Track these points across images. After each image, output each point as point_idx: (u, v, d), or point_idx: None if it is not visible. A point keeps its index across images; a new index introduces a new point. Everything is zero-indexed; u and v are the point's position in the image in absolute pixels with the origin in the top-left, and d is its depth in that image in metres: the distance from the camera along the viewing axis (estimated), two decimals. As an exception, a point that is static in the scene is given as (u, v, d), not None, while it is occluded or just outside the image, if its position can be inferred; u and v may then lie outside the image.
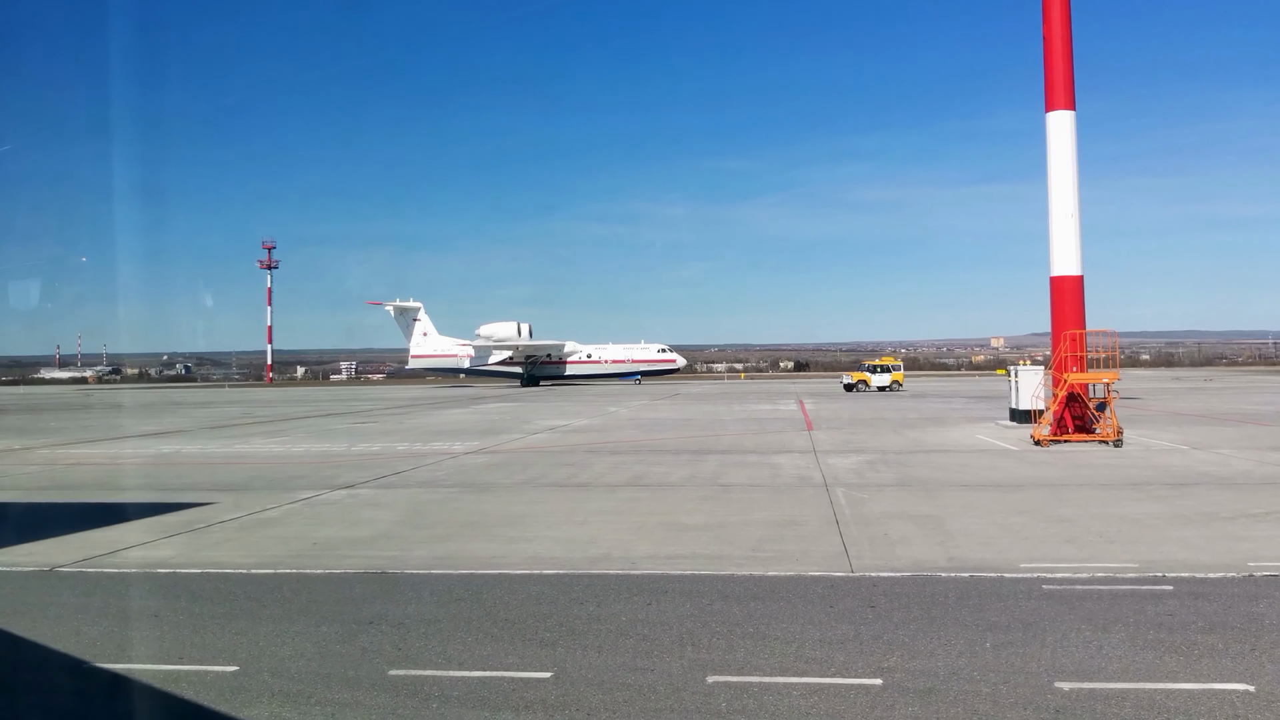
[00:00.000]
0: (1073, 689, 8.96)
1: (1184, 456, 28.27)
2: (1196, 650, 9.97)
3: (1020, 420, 39.06)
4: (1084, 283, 36.50)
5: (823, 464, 27.43)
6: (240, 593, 13.31)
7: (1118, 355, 34.89)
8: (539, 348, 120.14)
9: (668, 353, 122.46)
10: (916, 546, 15.59)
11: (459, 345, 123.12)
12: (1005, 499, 20.62)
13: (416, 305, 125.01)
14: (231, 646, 10.71)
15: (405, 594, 13.02)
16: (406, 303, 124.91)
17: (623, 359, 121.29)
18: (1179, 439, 33.63)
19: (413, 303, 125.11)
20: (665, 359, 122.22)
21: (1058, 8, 36.55)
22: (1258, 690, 8.84)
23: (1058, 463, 27.23)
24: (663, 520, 18.50)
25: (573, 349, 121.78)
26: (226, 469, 29.18)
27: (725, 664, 9.81)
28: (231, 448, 36.46)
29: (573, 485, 23.88)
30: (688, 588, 13.06)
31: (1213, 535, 16.19)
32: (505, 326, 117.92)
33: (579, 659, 10.04)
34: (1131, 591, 12.48)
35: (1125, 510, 18.87)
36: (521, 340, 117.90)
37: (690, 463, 28.40)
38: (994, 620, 11.21)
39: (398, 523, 18.85)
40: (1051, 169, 36.77)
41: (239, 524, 18.94)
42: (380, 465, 29.01)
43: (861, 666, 9.65)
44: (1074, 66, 36.70)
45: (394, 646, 10.59)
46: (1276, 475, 23.62)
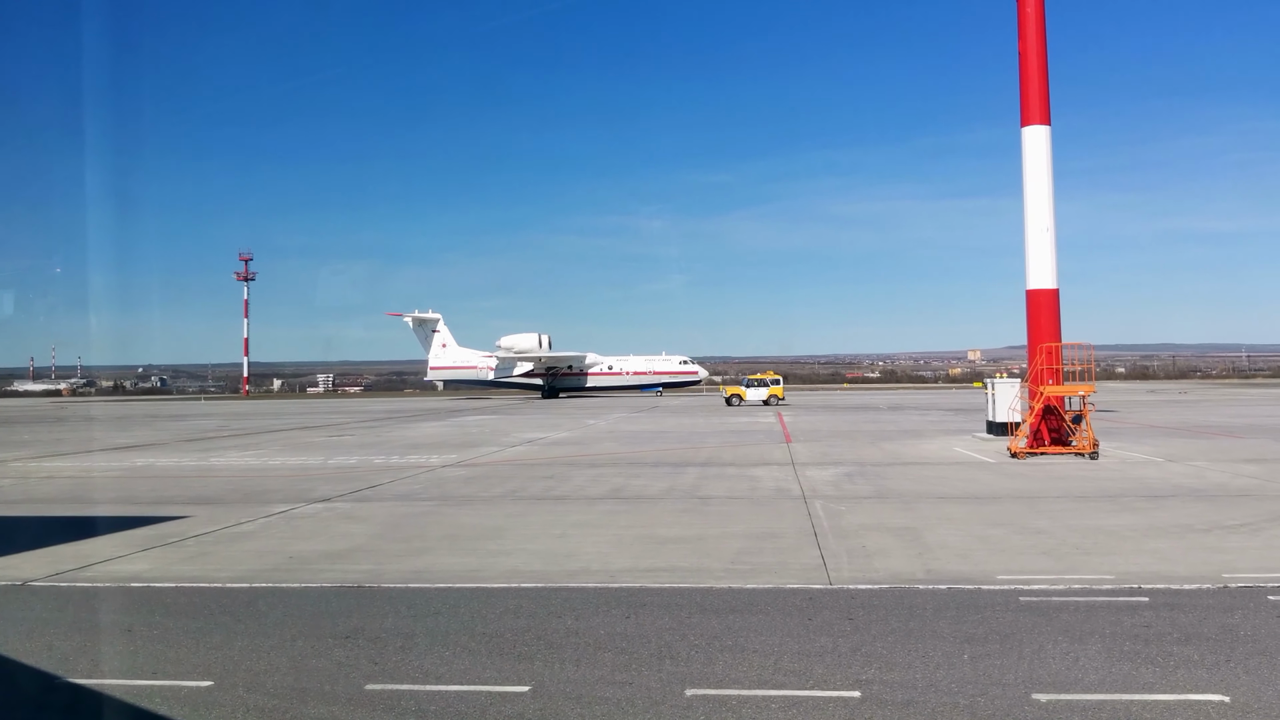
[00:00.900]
0: (1050, 700, 8.98)
1: (1159, 469, 28.45)
2: (1172, 661, 10.01)
3: (997, 433, 39.22)
4: (1060, 296, 36.77)
5: (801, 476, 27.46)
6: (215, 607, 13.20)
7: (1093, 368, 35.10)
8: (560, 359, 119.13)
9: (689, 364, 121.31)
10: (894, 559, 15.62)
11: (479, 356, 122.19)
12: (982, 511, 20.70)
13: (436, 317, 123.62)
14: (205, 661, 10.61)
15: (382, 608, 12.94)
16: (425, 314, 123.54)
17: (644, 370, 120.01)
18: (1154, 451, 33.84)
19: (432, 314, 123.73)
20: (687, 371, 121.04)
21: (1033, 24, 36.87)
22: (1233, 701, 8.89)
23: (1034, 475, 27.35)
24: (641, 533, 18.47)
25: (594, 360, 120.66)
26: (201, 482, 28.97)
27: (704, 677, 9.79)
28: (206, 461, 36.20)
29: (551, 498, 23.82)
30: (666, 601, 13.04)
31: (1188, 547, 16.28)
32: (526, 338, 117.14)
33: (557, 673, 10.00)
34: (1108, 603, 12.53)
35: (1101, 522, 18.97)
36: (542, 351, 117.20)
37: (669, 475, 28.38)
38: (971, 632, 11.23)
39: (374, 536, 18.75)
40: (1027, 183, 37.05)
41: (213, 537, 18.79)
42: (357, 478, 28.87)
43: (840, 679, 9.65)
44: (1049, 82, 37.04)
45: (371, 661, 10.52)
46: (1251, 487, 23.80)
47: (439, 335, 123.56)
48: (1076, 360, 35.15)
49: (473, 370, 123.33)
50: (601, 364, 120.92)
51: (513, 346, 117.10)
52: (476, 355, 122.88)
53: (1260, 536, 17.15)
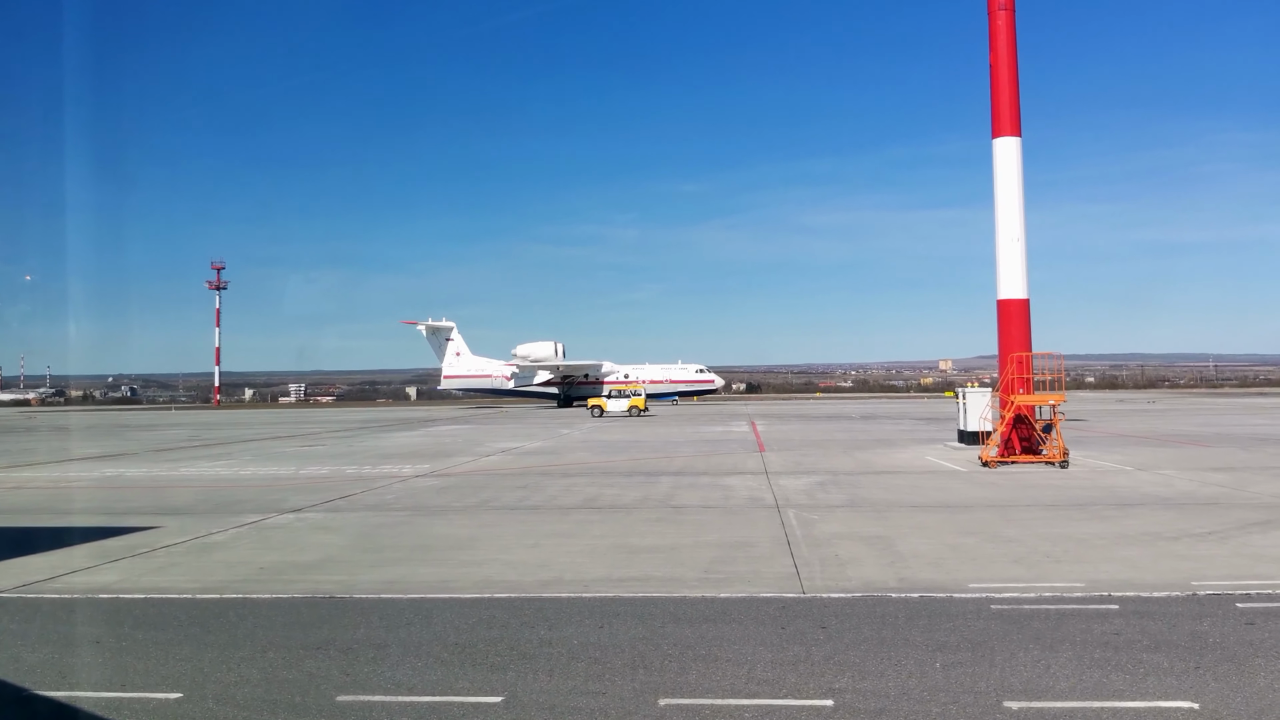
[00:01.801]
0: (1021, 708, 9.03)
1: (1128, 477, 28.68)
2: (1142, 669, 10.09)
3: (968, 442, 39.43)
4: (1030, 306, 37.03)
5: (774, 485, 27.52)
6: (185, 618, 13.10)
7: (1063, 377, 35.35)
8: (576, 367, 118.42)
9: (705, 373, 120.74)
10: (867, 567, 15.67)
11: (494, 365, 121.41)
12: (954, 520, 20.80)
13: (449, 325, 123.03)
14: (175, 673, 10.52)
15: (354, 619, 12.87)
16: (439, 322, 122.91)
17: (660, 379, 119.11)
18: (1123, 460, 34.12)
19: (445, 322, 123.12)
20: (703, 379, 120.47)
21: (1003, 37, 37.19)
22: (1202, 708, 8.97)
23: (1005, 484, 27.51)
24: (615, 543, 18.46)
25: (610, 369, 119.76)
26: (172, 492, 28.73)
27: (677, 686, 9.79)
28: (177, 471, 35.91)
29: (524, 508, 23.77)
30: (640, 610, 13.03)
31: (1157, 555, 16.42)
32: (542, 346, 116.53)
33: (530, 683, 9.98)
34: (1078, 611, 12.62)
35: (1071, 530, 19.10)
36: (558, 360, 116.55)
37: (643, 485, 28.38)
38: (944, 640, 11.29)
39: (346, 547, 18.65)
40: (998, 194, 37.32)
41: (184, 548, 18.64)
42: (329, 489, 28.72)
43: (813, 688, 9.68)
44: (1020, 94, 37.35)
45: (342, 672, 10.47)
46: (1218, 495, 24.03)
47: (453, 344, 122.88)
48: (1047, 370, 35.41)
49: (487, 379, 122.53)
50: (617, 372, 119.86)
51: (529, 355, 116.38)
52: (491, 364, 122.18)
53: (1228, 544, 17.32)
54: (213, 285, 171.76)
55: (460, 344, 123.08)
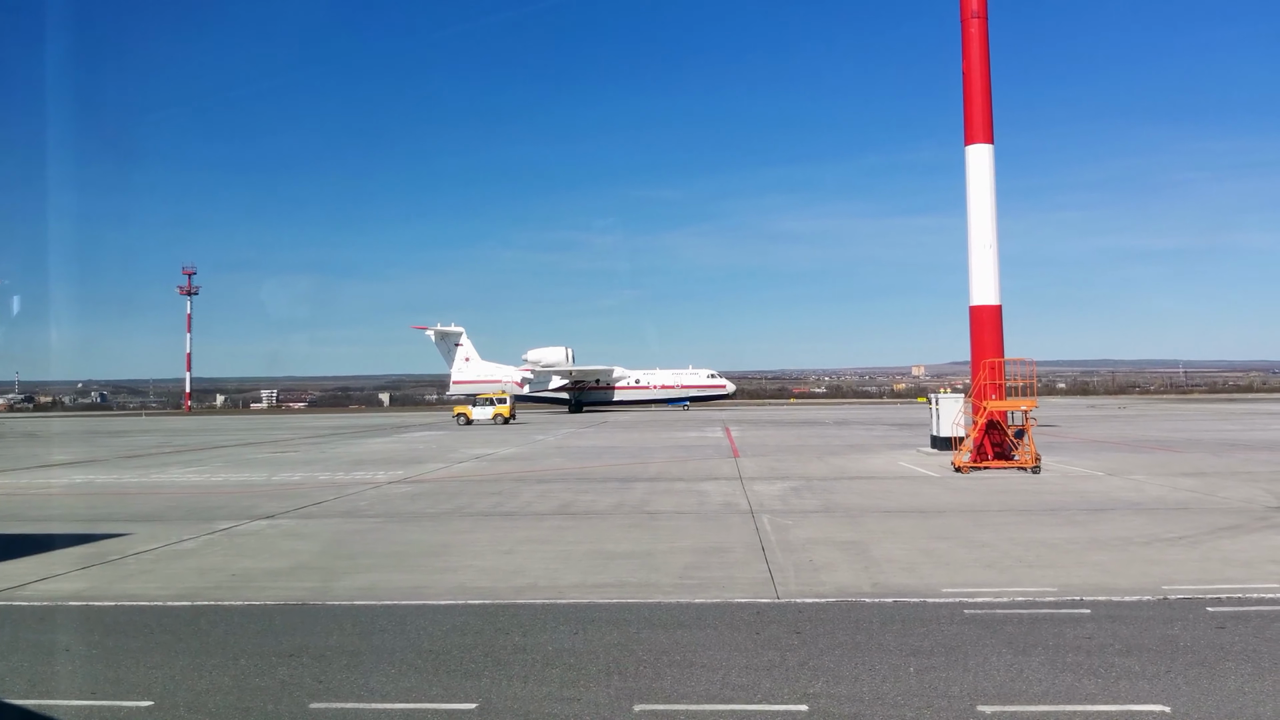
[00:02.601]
0: (994, 712, 9.07)
1: (1099, 483, 28.88)
2: (1114, 672, 10.16)
3: (941, 447, 39.61)
4: (1003, 312, 37.26)
5: (749, 491, 27.56)
6: (156, 625, 12.98)
7: (1035, 383, 35.57)
8: (588, 373, 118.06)
9: (717, 378, 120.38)
10: (841, 572, 15.71)
11: (504, 371, 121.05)
12: (927, 525, 20.88)
13: (459, 330, 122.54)
14: (146, 681, 10.43)
15: (327, 625, 12.80)
16: (448, 327, 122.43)
17: (671, 384, 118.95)
18: (1095, 465, 34.36)
19: (455, 327, 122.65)
20: (715, 384, 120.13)
21: (976, 45, 37.45)
22: (1173, 711, 9.03)
23: (978, 489, 27.65)
24: (590, 549, 18.43)
25: (621, 374, 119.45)
26: (142, 499, 28.49)
27: (652, 692, 9.78)
28: (148, 477, 35.62)
29: (499, 514, 23.70)
30: (615, 616, 13.01)
31: (1128, 559, 16.54)
32: (553, 351, 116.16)
33: (504, 689, 9.94)
34: (1050, 615, 12.69)
35: (1044, 535, 19.21)
36: (569, 365, 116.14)
37: (617, 490, 28.36)
38: (917, 645, 11.32)
39: (319, 553, 18.54)
40: (971, 201, 37.55)
41: (155, 555, 18.48)
42: (301, 495, 28.55)
43: (787, 693, 9.68)
44: (992, 102, 37.61)
45: (315, 679, 10.40)
46: (1188, 500, 24.23)
47: (462, 349, 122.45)
48: (1019, 376, 35.62)
49: (497, 384, 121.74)
50: (628, 377, 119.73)
51: (539, 360, 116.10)
52: (501, 369, 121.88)
53: (1199, 549, 17.46)
54: (184, 291, 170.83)
55: (470, 349, 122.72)
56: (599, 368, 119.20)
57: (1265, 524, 20.18)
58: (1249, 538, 18.54)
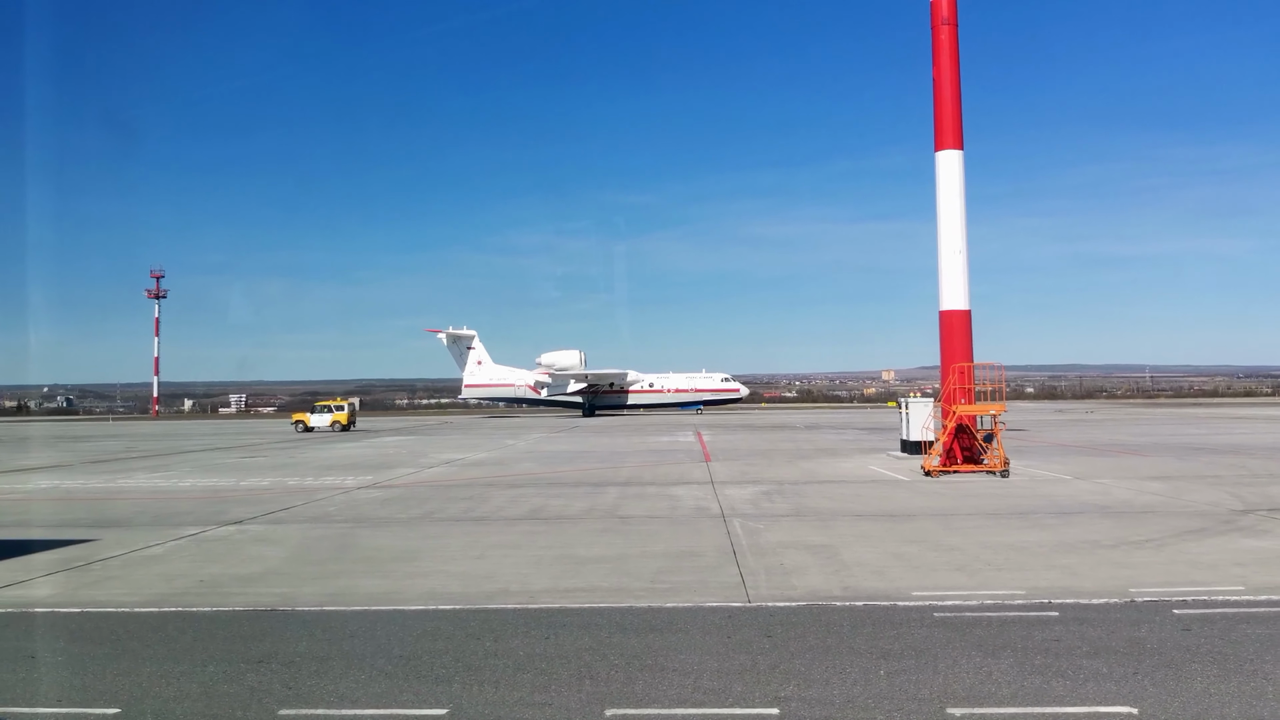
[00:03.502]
0: (964, 715, 9.12)
1: (1067, 486, 29.11)
2: (1082, 674, 10.23)
3: (911, 451, 39.83)
4: (972, 317, 37.52)
5: (720, 495, 27.60)
6: (122, 632, 12.85)
7: (1004, 388, 35.81)
8: (602, 376, 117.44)
9: (731, 382, 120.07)
10: (812, 576, 15.76)
11: (517, 374, 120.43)
12: (897, 528, 20.98)
13: (471, 333, 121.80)
14: (113, 688, 10.32)
15: (296, 632, 12.71)
16: (460, 330, 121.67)
17: (685, 388, 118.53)
18: (1062, 469, 34.62)
19: (467, 330, 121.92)
20: (729, 388, 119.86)
21: (946, 51, 37.72)
22: (1140, 713, 9.11)
23: (947, 493, 27.80)
24: (561, 553, 18.40)
25: (635, 378, 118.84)
26: (109, 505, 28.21)
27: (624, 697, 9.77)
28: (114, 483, 35.28)
29: (469, 519, 23.63)
30: (586, 621, 13.00)
31: (1096, 562, 16.67)
32: (567, 355, 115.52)
33: (475, 695, 9.91)
34: (1019, 618, 12.78)
35: (1012, 539, 19.34)
36: (583, 368, 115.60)
37: (589, 495, 28.33)
38: (888, 648, 11.37)
39: (288, 559, 18.42)
40: (941, 206, 37.80)
41: (121, 561, 18.31)
42: (270, 500, 28.35)
43: (759, 696, 9.70)
44: (962, 108, 37.88)
45: (284, 685, 10.32)
46: (1155, 504, 24.46)
47: (474, 352, 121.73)
48: (988, 380, 35.85)
49: (509, 388, 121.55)
50: (642, 381, 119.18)
51: (554, 364, 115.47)
52: (514, 373, 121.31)
53: (1165, 552, 17.62)
54: (151, 294, 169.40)
55: (482, 352, 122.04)
56: (613, 371, 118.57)
57: (1230, 527, 20.40)
58: (1214, 541, 18.74)
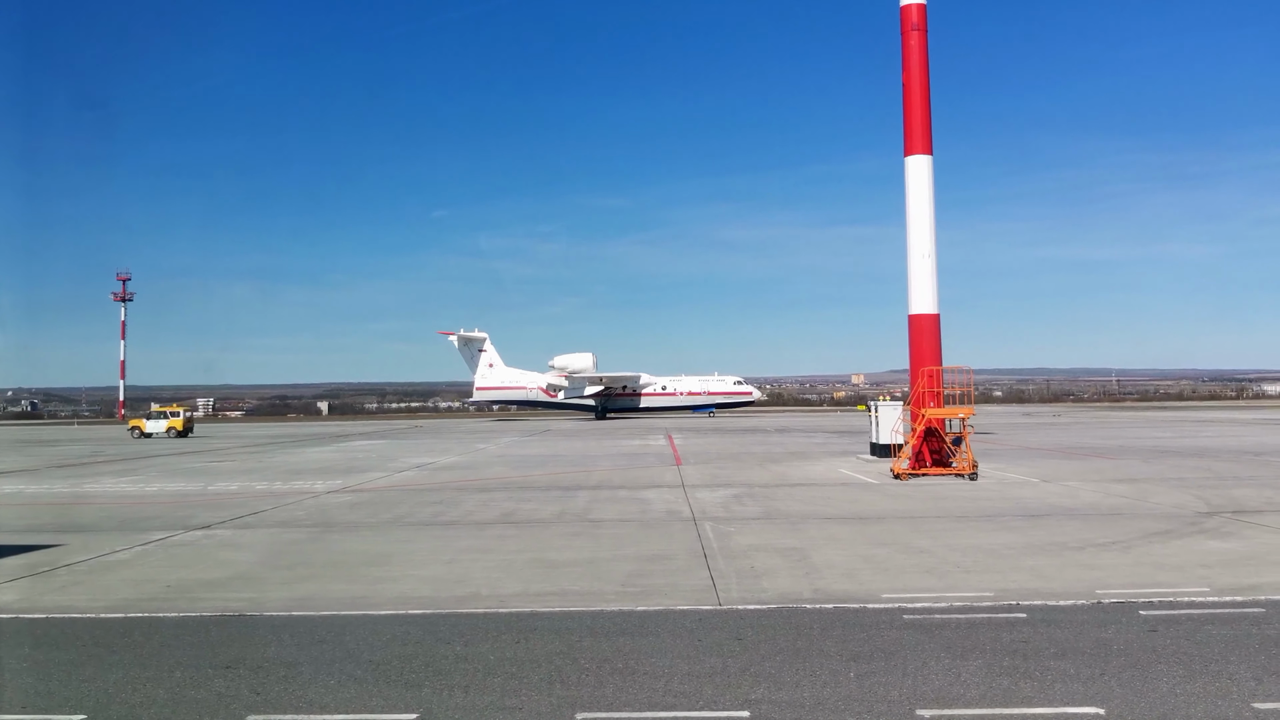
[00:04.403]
0: (933, 716, 9.17)
1: (1035, 489, 29.32)
2: (1049, 676, 10.31)
3: (880, 454, 40.01)
4: (941, 321, 37.75)
5: (691, 498, 27.63)
6: (88, 638, 12.73)
7: (972, 391, 36.06)
8: (616, 379, 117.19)
9: (743, 385, 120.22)
10: (782, 579, 15.80)
11: (531, 377, 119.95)
12: (867, 531, 21.07)
13: (482, 336, 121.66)
14: (79, 694, 10.21)
15: (264, 636, 12.63)
16: (472, 333, 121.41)
17: (698, 391, 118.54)
18: (1030, 472, 34.88)
19: (478, 333, 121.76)
20: (741, 391, 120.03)
21: (916, 57, 37.97)
22: (1107, 713, 9.18)
23: (916, 495, 27.95)
24: (532, 557, 18.36)
25: (647, 380, 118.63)
26: (74, 509, 27.93)
27: (594, 700, 9.77)
28: (80, 487, 34.93)
29: (440, 523, 23.54)
30: (557, 625, 12.98)
31: (1063, 564, 16.81)
32: (580, 357, 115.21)
33: (445, 699, 9.87)
34: (988, 620, 12.86)
35: (981, 541, 19.47)
36: (596, 371, 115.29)
37: (560, 499, 28.29)
38: (857, 650, 11.42)
39: (256, 564, 18.29)
40: (910, 211, 38.05)
41: (87, 566, 18.12)
42: (238, 505, 28.15)
43: (729, 699, 9.72)
44: (932, 114, 38.13)
45: (252, 691, 10.25)
46: (1121, 506, 24.68)
47: (485, 355, 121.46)
48: (956, 384, 36.11)
49: (521, 390, 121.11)
50: (655, 384, 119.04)
51: (566, 366, 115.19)
52: (526, 375, 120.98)
53: (1131, 554, 17.79)
54: (118, 297, 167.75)
55: (493, 355, 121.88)
56: (626, 374, 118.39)
57: (1195, 529, 20.62)
58: (1179, 543, 18.93)
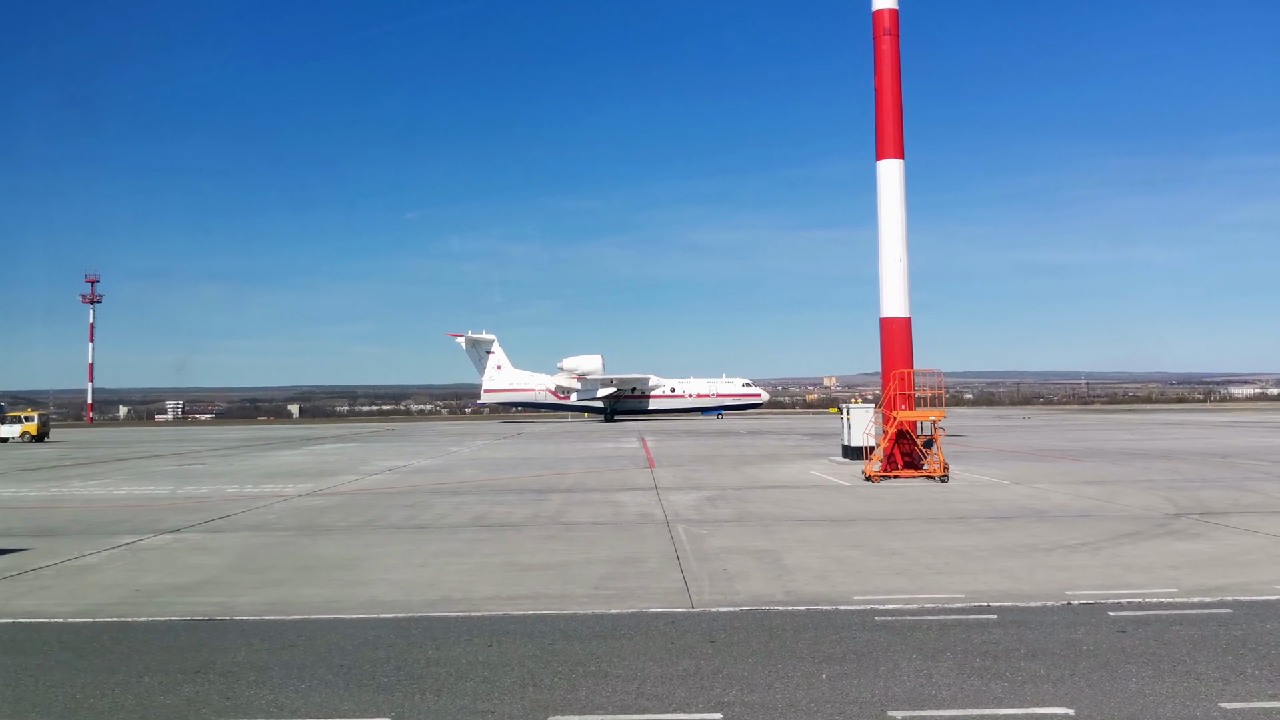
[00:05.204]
0: (904, 717, 9.21)
1: (1005, 491, 29.51)
2: (1020, 676, 10.38)
3: (852, 457, 40.15)
4: (912, 324, 37.93)
5: (664, 501, 27.64)
6: (56, 643, 12.60)
7: (943, 394, 36.27)
8: (626, 381, 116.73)
9: (751, 387, 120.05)
10: (755, 581, 15.83)
11: (539, 379, 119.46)
12: (839, 533, 21.15)
13: (490, 338, 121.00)
14: (46, 700, 10.11)
15: (234, 641, 12.54)
16: (479, 335, 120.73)
17: (707, 393, 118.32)
18: (1001, 474, 35.10)
19: (486, 335, 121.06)
20: (750, 393, 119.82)
21: (888, 61, 38.14)
22: (1077, 714, 9.25)
23: (888, 497, 28.07)
24: (505, 560, 18.32)
25: (656, 382, 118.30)
26: (42, 513, 27.64)
27: (567, 704, 9.75)
28: (47, 491, 34.57)
29: (412, 527, 23.45)
30: (530, 628, 12.96)
31: (1033, 565, 16.92)
32: (589, 359, 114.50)
33: (417, 703, 9.84)
34: (959, 621, 12.93)
35: (952, 543, 19.57)
36: (604, 374, 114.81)
37: (533, 502, 28.24)
38: (829, 652, 11.46)
39: (227, 568, 18.16)
40: (882, 215, 38.19)
41: (55, 571, 17.94)
42: (208, 508, 27.94)
43: (702, 701, 9.73)
44: (904, 118, 38.33)
45: (222, 696, 10.18)
46: (1090, 508, 24.88)
47: (493, 357, 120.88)
48: (927, 386, 36.29)
49: (530, 393, 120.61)
50: (663, 386, 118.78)
51: (575, 368, 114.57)
52: (534, 377, 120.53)
53: (1100, 555, 17.93)
54: (86, 299, 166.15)
55: (501, 357, 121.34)
56: (635, 376, 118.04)
57: (1164, 531, 20.81)
58: (1148, 544, 19.10)
